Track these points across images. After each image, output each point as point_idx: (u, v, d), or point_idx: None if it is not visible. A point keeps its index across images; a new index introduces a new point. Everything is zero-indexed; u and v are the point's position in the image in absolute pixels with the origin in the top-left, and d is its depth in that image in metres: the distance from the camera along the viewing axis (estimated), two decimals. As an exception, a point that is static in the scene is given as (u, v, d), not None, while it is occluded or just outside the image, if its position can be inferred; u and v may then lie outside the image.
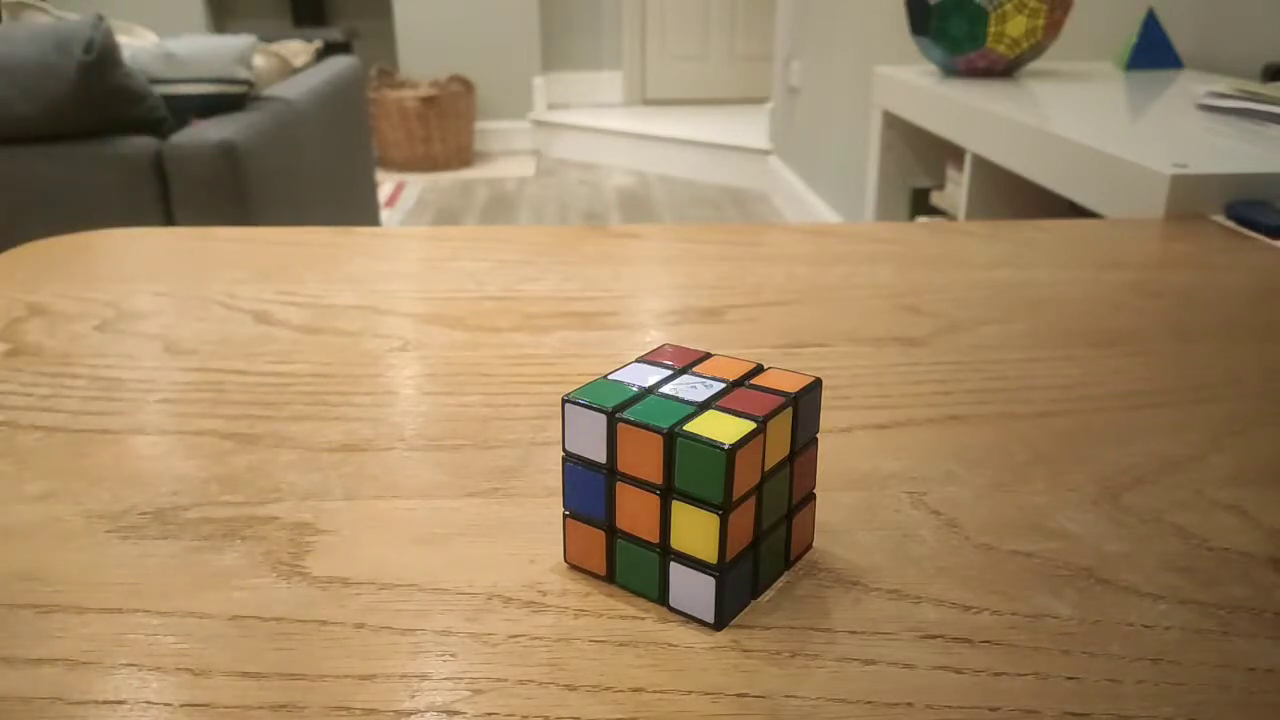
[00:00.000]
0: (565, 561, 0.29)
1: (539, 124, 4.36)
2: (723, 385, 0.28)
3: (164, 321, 0.49)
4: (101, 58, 1.56)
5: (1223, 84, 1.16)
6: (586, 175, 4.00)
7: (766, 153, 3.68)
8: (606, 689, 0.24)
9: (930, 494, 0.33)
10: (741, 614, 0.27)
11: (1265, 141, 0.88)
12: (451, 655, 0.25)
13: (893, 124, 1.61)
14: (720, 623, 0.26)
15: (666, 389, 0.28)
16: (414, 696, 0.24)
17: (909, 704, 0.24)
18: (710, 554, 0.26)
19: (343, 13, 4.55)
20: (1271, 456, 0.36)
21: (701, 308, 0.51)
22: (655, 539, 0.27)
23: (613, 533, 0.27)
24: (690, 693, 0.24)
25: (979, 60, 1.44)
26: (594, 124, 4.23)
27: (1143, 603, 0.27)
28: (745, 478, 0.26)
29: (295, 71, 2.30)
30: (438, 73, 4.20)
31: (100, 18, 1.58)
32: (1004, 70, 1.47)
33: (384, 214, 3.36)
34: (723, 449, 0.25)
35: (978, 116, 1.21)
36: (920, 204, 1.60)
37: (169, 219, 1.67)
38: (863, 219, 2.04)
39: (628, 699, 0.24)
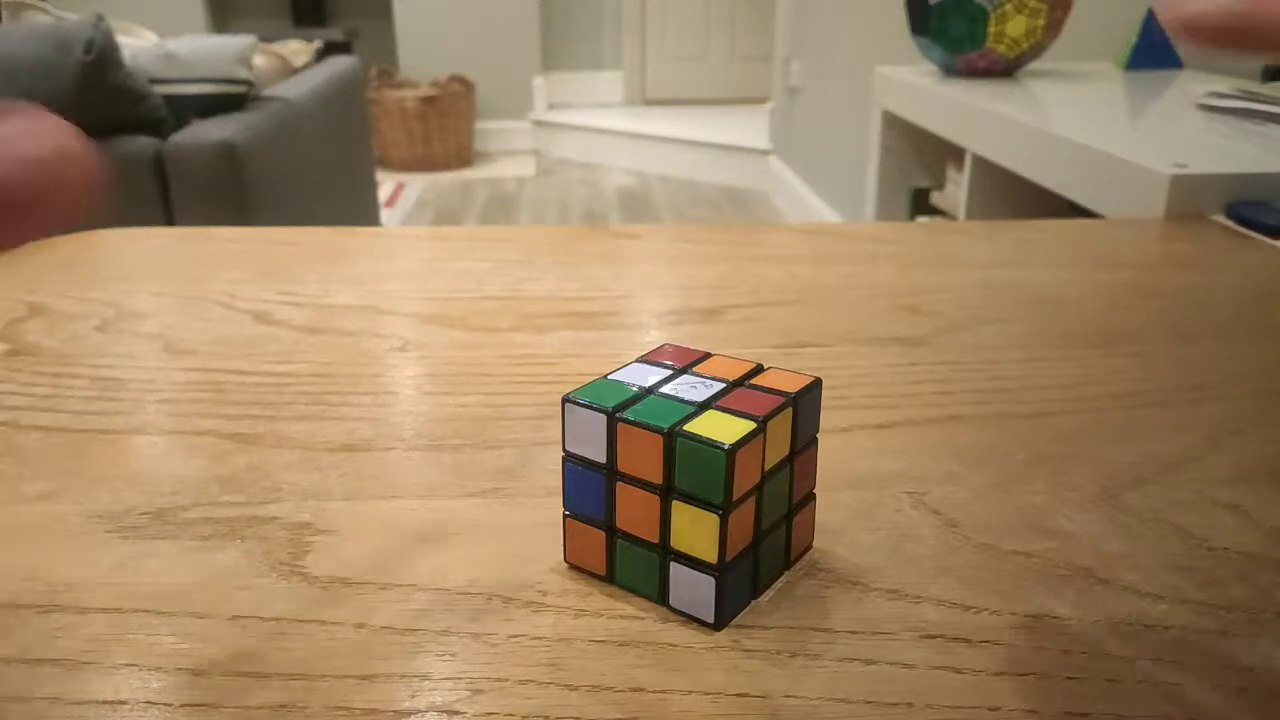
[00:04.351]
0: (565, 561, 0.29)
1: (539, 124, 4.37)
2: (723, 385, 0.28)
3: (164, 321, 0.49)
4: (101, 58, 1.56)
5: (1223, 84, 1.16)
6: (586, 175, 4.00)
7: (766, 153, 3.68)
8: (606, 689, 0.24)
9: (930, 494, 0.33)
10: (741, 614, 0.27)
11: (1265, 141, 0.88)
12: (451, 655, 0.25)
13: (893, 124, 1.61)
14: (720, 623, 0.26)
15: (666, 389, 0.28)
16: (414, 696, 0.24)
17: (909, 704, 0.24)
18: (710, 554, 0.26)
19: (343, 13, 4.55)
20: (1271, 456, 0.36)
21: (701, 308, 0.51)
22: (655, 539, 0.27)
23: (613, 533, 0.27)
24: (690, 693, 0.24)
25: (979, 60, 1.44)
26: (594, 124, 4.24)
27: (1142, 602, 0.27)
28: (745, 478, 0.26)
29: (295, 71, 2.30)
30: (438, 73, 4.20)
31: (100, 18, 1.58)
32: (1004, 70, 1.47)
33: (384, 214, 3.36)
34: (723, 449, 0.25)
35: (978, 116, 1.21)
36: (920, 204, 1.60)
37: (169, 219, 1.67)
38: (863, 219, 2.04)
39: (628, 699, 0.24)
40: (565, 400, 0.27)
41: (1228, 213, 0.70)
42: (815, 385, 0.28)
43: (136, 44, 1.88)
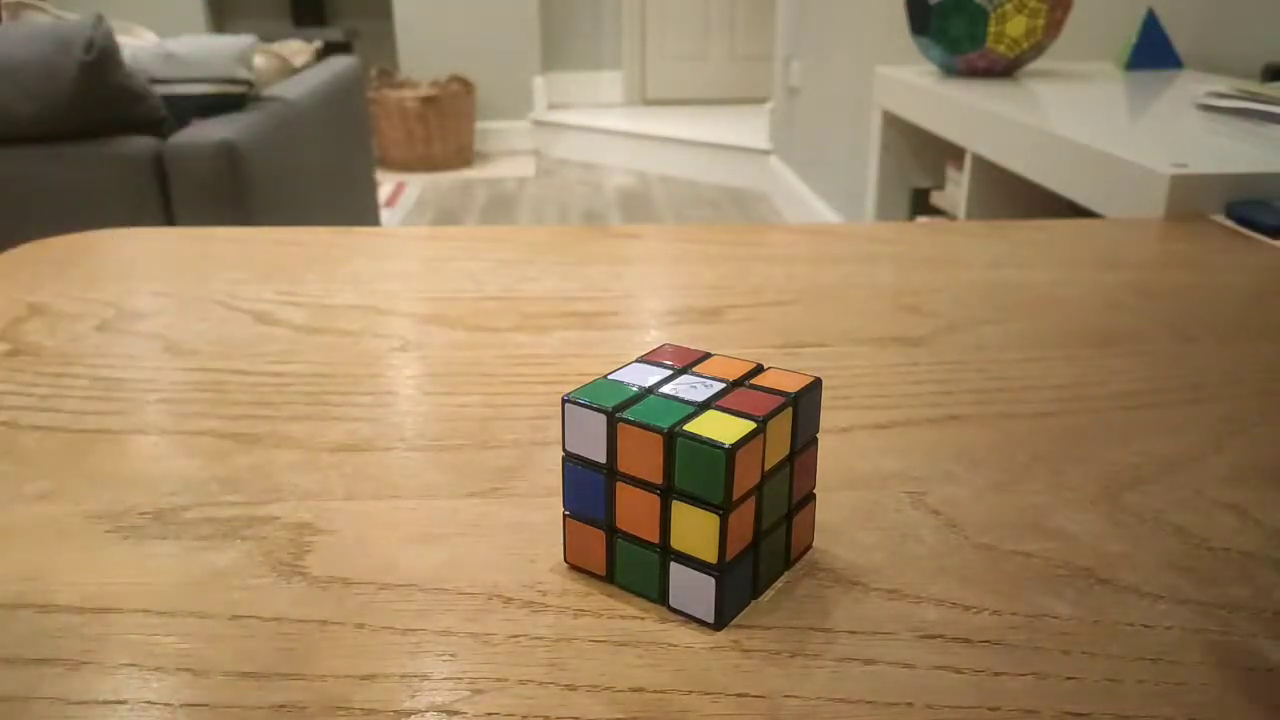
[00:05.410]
0: (565, 561, 0.29)
1: (539, 124, 4.36)
2: (723, 385, 0.28)
3: (164, 321, 0.49)
4: (101, 58, 1.56)
5: (1223, 84, 1.16)
6: (586, 175, 4.00)
7: (766, 153, 3.68)
8: (606, 689, 0.24)
9: (930, 494, 0.33)
10: (741, 614, 0.27)
11: (1265, 141, 0.88)
12: (451, 655, 0.25)
13: (893, 124, 1.61)
14: (720, 623, 0.26)
15: (666, 389, 0.28)
16: (414, 696, 0.24)
17: (909, 704, 0.24)
18: (710, 554, 0.26)
19: (343, 13, 4.55)
20: (1271, 456, 0.36)
21: (701, 308, 0.51)
22: (655, 539, 0.27)
23: (613, 533, 0.27)
24: (690, 693, 0.24)
25: (979, 60, 1.44)
26: (594, 124, 4.23)
27: (1142, 602, 0.27)
28: (745, 478, 0.26)
29: (295, 71, 2.30)
30: (438, 73, 4.20)
31: (100, 18, 1.58)
32: (1004, 70, 1.47)
33: (384, 214, 3.36)
34: (723, 449, 0.25)
35: (978, 116, 1.21)
36: (920, 204, 1.60)
37: (169, 219, 1.67)
38: (863, 219, 2.04)
39: (628, 699, 0.24)
40: (565, 400, 0.27)
41: (1228, 213, 0.70)
42: (815, 385, 0.28)
43: (136, 44, 1.88)
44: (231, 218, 1.67)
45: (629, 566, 0.27)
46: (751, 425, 0.25)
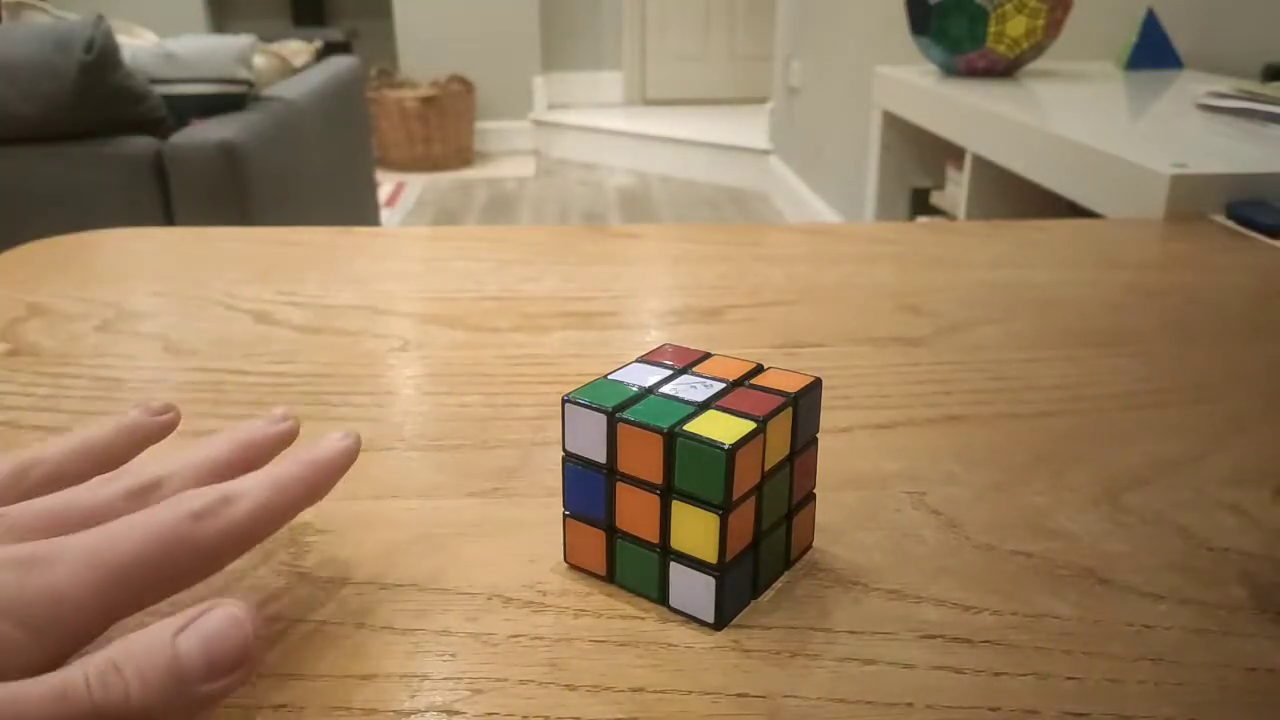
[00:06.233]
0: (565, 561, 0.29)
1: (539, 124, 4.36)
2: (723, 385, 0.28)
3: (164, 321, 0.49)
4: (101, 58, 1.56)
5: (1223, 84, 1.16)
6: (587, 175, 4.00)
7: (766, 153, 3.68)
8: (606, 689, 0.24)
9: (930, 494, 0.33)
10: (741, 614, 0.27)
11: (1265, 141, 0.88)
12: (451, 655, 0.25)
13: (893, 124, 1.61)
14: (720, 623, 0.26)
15: (666, 389, 0.28)
16: (414, 696, 0.24)
17: (909, 704, 0.24)
18: (710, 554, 0.26)
19: (343, 13, 4.55)
20: (1272, 456, 0.35)
21: (701, 308, 0.51)
22: (655, 539, 0.27)
23: (613, 533, 0.27)
24: (690, 693, 0.24)
25: (979, 60, 1.44)
26: (594, 124, 4.23)
27: (1143, 603, 0.27)
28: (745, 478, 0.25)
29: (295, 71, 2.30)
30: (438, 73, 4.20)
31: (100, 18, 1.58)
32: (1004, 70, 1.47)
33: (384, 214, 3.36)
34: (723, 449, 0.25)
35: (978, 116, 1.21)
36: (920, 204, 1.60)
37: (169, 219, 1.67)
38: (863, 219, 2.04)
39: (628, 699, 0.24)
40: (565, 400, 0.27)
41: (1228, 213, 0.70)
42: (815, 385, 0.28)
43: (136, 44, 1.88)
44: (231, 218, 1.67)
45: (629, 566, 0.27)
46: (751, 425, 0.25)
